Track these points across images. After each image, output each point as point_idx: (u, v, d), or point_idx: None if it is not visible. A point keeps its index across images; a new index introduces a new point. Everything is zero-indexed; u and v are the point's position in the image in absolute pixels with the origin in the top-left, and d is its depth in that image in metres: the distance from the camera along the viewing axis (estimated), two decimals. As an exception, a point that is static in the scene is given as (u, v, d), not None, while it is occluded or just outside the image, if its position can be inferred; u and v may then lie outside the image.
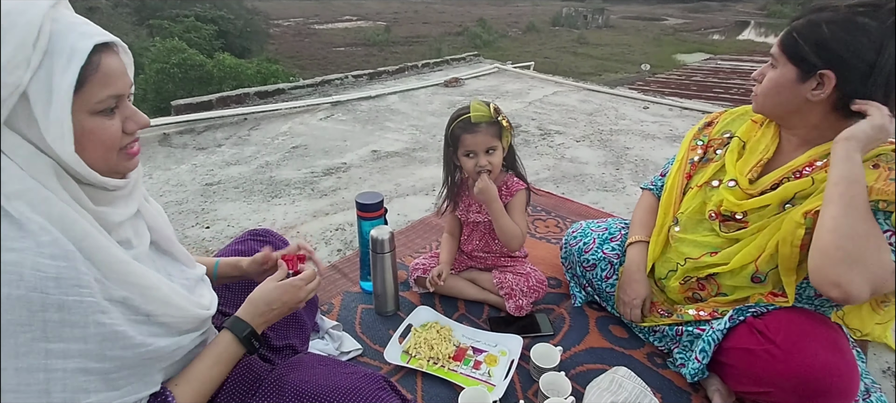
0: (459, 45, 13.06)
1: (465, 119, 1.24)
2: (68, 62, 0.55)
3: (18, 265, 0.51)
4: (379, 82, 4.89)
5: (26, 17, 0.53)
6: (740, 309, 1.05)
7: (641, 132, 3.41)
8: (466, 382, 1.15)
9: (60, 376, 0.53)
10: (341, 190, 2.44)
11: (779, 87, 0.99)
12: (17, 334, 0.51)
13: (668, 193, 1.25)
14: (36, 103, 0.54)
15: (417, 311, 1.38)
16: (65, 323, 0.53)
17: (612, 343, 1.32)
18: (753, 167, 1.07)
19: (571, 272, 1.46)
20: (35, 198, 0.54)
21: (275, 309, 0.84)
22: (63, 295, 0.53)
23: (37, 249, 0.52)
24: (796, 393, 0.92)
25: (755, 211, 1.03)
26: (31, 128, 0.55)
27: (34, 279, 0.51)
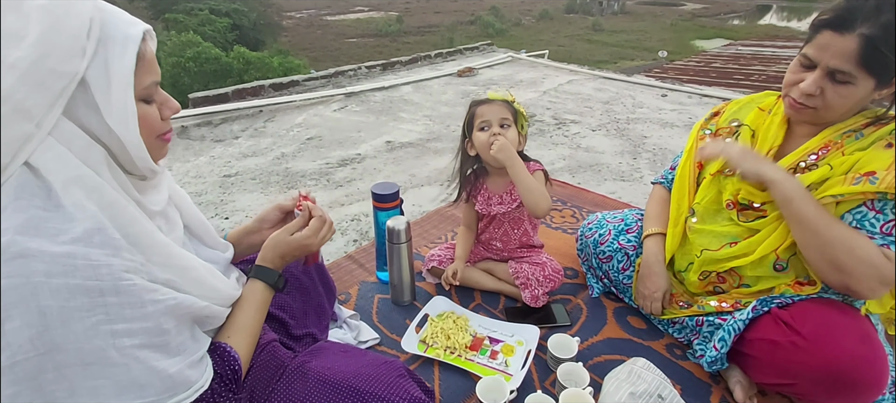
0: (472, 34, 12.94)
1: (481, 98, 1.29)
2: (124, 48, 0.57)
3: (71, 256, 0.53)
4: (392, 73, 4.88)
5: (76, 8, 0.55)
6: (765, 299, 1.02)
7: (659, 120, 3.34)
8: (483, 371, 1.16)
9: (132, 351, 0.57)
10: (356, 180, 2.45)
11: (852, 101, 0.93)
12: (83, 318, 0.53)
13: (680, 183, 1.23)
14: (96, 89, 0.56)
15: (434, 301, 1.38)
16: (124, 305, 0.56)
17: (631, 335, 1.31)
18: (766, 154, 1.05)
19: (588, 264, 1.45)
20: (89, 185, 0.56)
21: (286, 248, 0.85)
22: (115, 280, 0.55)
23: (88, 240, 0.54)
24: (823, 386, 0.90)
25: (773, 201, 1.01)
26: (91, 114, 0.57)
27: (88, 268, 0.53)
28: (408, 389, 0.83)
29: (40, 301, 0.51)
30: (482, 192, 1.39)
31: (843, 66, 0.89)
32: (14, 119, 0.51)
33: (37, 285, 0.51)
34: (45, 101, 0.53)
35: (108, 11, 0.59)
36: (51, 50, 0.52)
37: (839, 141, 0.97)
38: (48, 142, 0.54)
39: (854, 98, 0.93)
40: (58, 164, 0.54)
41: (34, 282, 0.51)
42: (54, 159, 0.54)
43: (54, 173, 0.54)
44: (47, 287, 0.51)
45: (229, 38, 10.15)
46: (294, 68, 6.77)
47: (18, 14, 0.51)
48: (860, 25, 0.87)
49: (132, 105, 0.58)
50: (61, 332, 0.52)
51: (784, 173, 0.98)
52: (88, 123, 0.57)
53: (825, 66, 0.92)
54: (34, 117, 0.52)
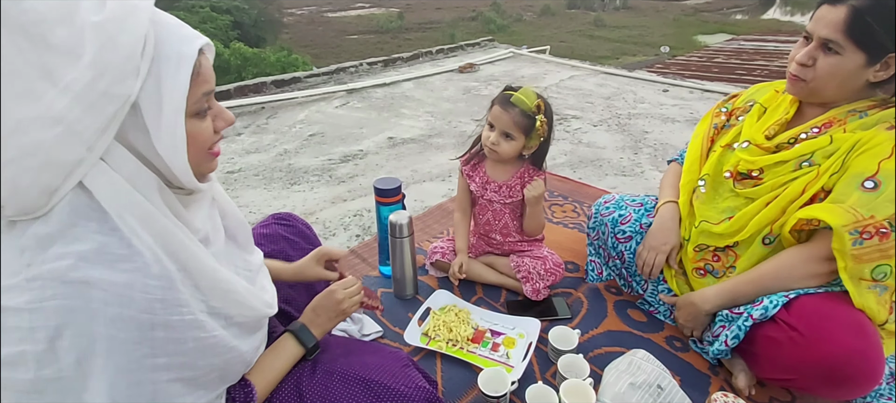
0: (473, 30, 12.90)
1: (508, 93, 1.27)
2: (177, 68, 0.54)
3: (130, 287, 0.53)
4: (393, 69, 4.88)
5: (131, 25, 0.52)
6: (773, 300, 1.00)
7: (661, 115, 3.34)
8: (485, 363, 1.17)
9: (164, 386, 0.57)
10: (358, 176, 2.47)
11: (843, 74, 0.94)
12: (129, 351, 0.54)
13: (692, 154, 1.25)
14: (147, 112, 0.54)
15: (436, 295, 1.40)
16: (169, 340, 0.56)
17: (631, 327, 1.32)
18: (771, 126, 1.07)
19: (599, 242, 1.40)
20: (142, 213, 0.55)
21: (320, 315, 0.88)
22: (168, 315, 0.55)
23: (146, 270, 0.54)
24: (820, 379, 0.92)
25: (771, 167, 1.03)
26: (140, 137, 0.55)
27: (144, 301, 0.53)
28: (414, 379, 0.85)
29: (93, 327, 0.52)
30: (480, 174, 1.40)
31: (832, 35, 0.92)
32: (66, 142, 0.49)
33: (94, 311, 0.51)
34: (98, 125, 0.51)
35: (164, 26, 0.55)
36: (105, 71, 0.50)
37: (843, 118, 0.98)
38: (100, 167, 0.53)
39: (843, 70, 0.94)
40: (110, 190, 0.53)
41: (92, 309, 0.51)
42: (107, 185, 0.53)
43: (108, 199, 0.53)
44: (103, 315, 0.52)
45: (230, 35, 10.15)
46: (293, 64, 6.77)
47: (72, 29, 0.49)
48: None
49: (182, 131, 0.56)
50: (105, 361, 0.53)
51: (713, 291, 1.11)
52: (137, 144, 0.55)
53: (818, 36, 0.94)
54: (86, 141, 0.51)
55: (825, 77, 0.96)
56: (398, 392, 0.81)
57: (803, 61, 0.97)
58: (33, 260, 0.51)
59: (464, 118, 3.38)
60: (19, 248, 0.52)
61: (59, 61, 0.48)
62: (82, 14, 0.49)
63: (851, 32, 0.90)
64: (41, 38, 0.47)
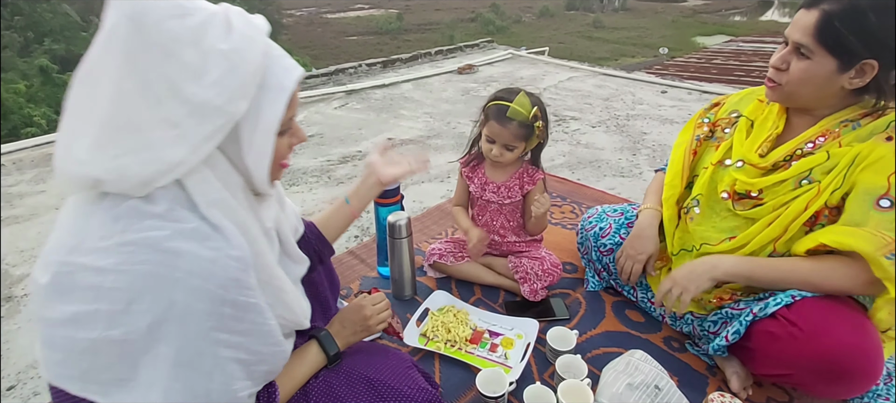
0: (472, 31, 12.92)
1: (502, 107, 1.24)
2: (277, 96, 0.62)
3: (213, 262, 0.57)
4: (392, 70, 4.89)
5: (251, 55, 0.59)
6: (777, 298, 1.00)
7: (659, 117, 3.35)
8: (483, 364, 1.17)
9: (222, 363, 0.61)
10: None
11: (815, 80, 0.93)
12: (200, 321, 0.58)
13: (674, 166, 1.24)
14: (244, 129, 0.62)
15: (434, 295, 1.40)
16: (234, 318, 0.60)
17: (629, 328, 1.32)
18: (763, 143, 1.05)
19: (587, 257, 1.46)
20: (227, 208, 0.62)
21: (346, 328, 0.91)
22: (237, 294, 0.60)
23: (228, 251, 0.59)
24: (818, 375, 0.92)
25: (770, 187, 1.02)
26: (232, 146, 0.62)
27: (222, 277, 0.58)
28: (417, 380, 0.87)
29: (173, 294, 0.56)
30: (479, 175, 1.40)
31: (802, 38, 0.92)
32: (176, 143, 0.56)
33: (177, 279, 0.56)
34: (205, 134, 0.58)
35: (273, 58, 0.63)
36: (223, 91, 0.57)
37: (836, 130, 0.97)
38: (198, 166, 0.60)
39: (815, 75, 0.93)
40: (204, 186, 0.60)
41: (176, 276, 0.55)
42: (201, 181, 0.60)
43: (200, 194, 0.60)
44: (185, 284, 0.56)
45: (230, 36, 10.13)
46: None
47: (200, 51, 0.56)
48: (825, 1, 0.89)
49: (270, 148, 0.64)
50: (176, 327, 0.56)
51: (731, 259, 1.03)
52: (227, 151, 0.62)
53: (791, 40, 0.94)
54: (193, 146, 0.57)
55: (797, 81, 0.95)
56: (402, 392, 0.82)
57: (777, 65, 0.97)
58: (129, 228, 0.56)
59: (463, 119, 3.38)
60: (113, 216, 0.57)
61: (185, 77, 0.55)
62: (210, 39, 0.57)
63: (821, 37, 0.89)
64: (174, 55, 0.55)
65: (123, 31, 0.53)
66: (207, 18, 0.57)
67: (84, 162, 0.55)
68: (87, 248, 0.56)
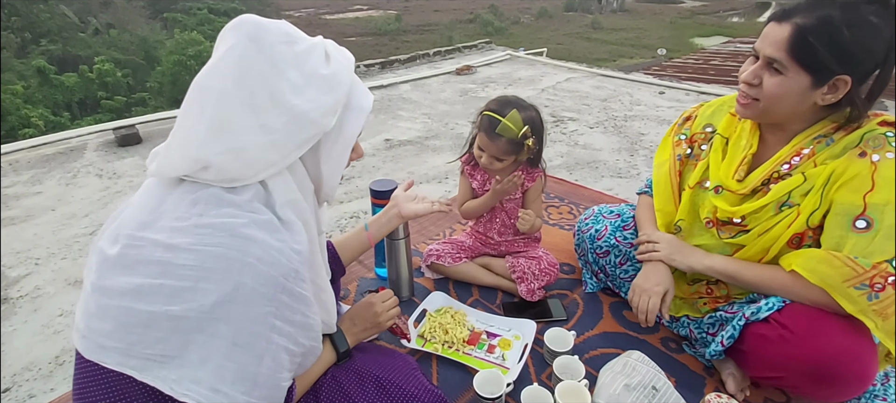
0: (471, 32, 12.93)
1: (493, 121, 1.23)
2: (357, 116, 0.72)
3: (280, 252, 0.62)
4: (390, 71, 4.89)
5: (343, 80, 0.69)
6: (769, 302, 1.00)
7: (657, 117, 3.36)
8: (481, 365, 1.17)
9: (273, 349, 0.64)
10: (355, 178, 2.46)
11: (789, 96, 0.91)
12: (261, 305, 0.61)
13: (662, 190, 1.20)
14: (325, 141, 0.70)
15: (432, 297, 1.40)
16: (289, 308, 0.64)
17: (626, 328, 1.32)
18: (739, 167, 1.03)
19: (584, 259, 1.45)
20: (298, 208, 0.69)
21: (357, 324, 0.95)
22: (294, 285, 0.64)
23: (293, 244, 0.64)
24: (810, 378, 0.92)
25: (752, 214, 1.00)
26: (312, 157, 0.71)
27: (286, 267, 0.62)
28: (423, 383, 0.90)
29: (241, 276, 0.59)
30: (481, 172, 1.40)
31: (775, 53, 0.89)
32: (270, 149, 0.63)
33: (246, 263, 0.60)
34: (295, 143, 0.65)
35: (356, 84, 0.72)
36: (319, 107, 0.65)
37: (810, 148, 0.95)
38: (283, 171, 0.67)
39: (789, 92, 0.90)
40: (283, 187, 0.67)
41: (246, 261, 0.60)
42: (282, 182, 0.67)
43: (279, 193, 0.66)
44: (254, 269, 0.60)
45: (228, 37, 10.14)
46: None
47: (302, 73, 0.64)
48: (797, 16, 0.87)
49: (345, 160, 0.73)
50: (239, 308, 0.60)
51: (712, 258, 1.05)
52: (307, 161, 0.71)
53: (763, 54, 0.91)
54: (284, 152, 0.65)
55: (771, 97, 0.92)
56: (410, 393, 0.85)
57: (749, 80, 0.94)
58: (207, 212, 0.61)
59: (461, 120, 3.38)
60: (192, 200, 0.62)
61: (287, 93, 0.63)
62: (312, 64, 0.66)
63: (794, 52, 0.87)
64: (280, 72, 0.63)
65: (241, 49, 0.61)
66: (310, 47, 0.66)
67: (197, 147, 0.61)
68: (162, 226, 0.61)
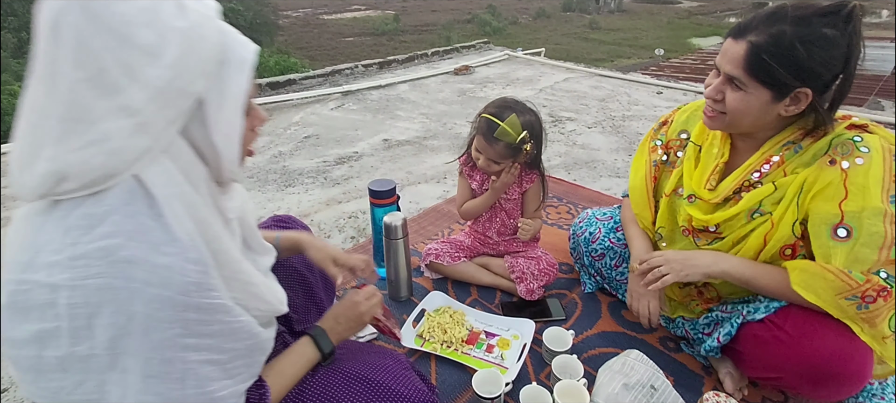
0: (469, 32, 12.94)
1: (491, 124, 1.23)
2: (240, 69, 0.61)
3: (169, 269, 0.55)
4: (389, 71, 4.89)
5: (208, 32, 0.58)
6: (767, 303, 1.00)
7: (654, 117, 3.36)
8: (479, 365, 1.17)
9: (193, 367, 0.60)
10: (353, 178, 2.46)
11: (752, 110, 0.92)
12: (163, 329, 0.56)
13: (638, 196, 1.21)
14: (210, 107, 0.59)
15: (431, 296, 1.40)
16: (199, 322, 0.59)
17: (625, 328, 1.32)
18: (711, 175, 1.05)
19: (580, 262, 1.46)
20: (188, 202, 0.59)
21: (341, 324, 0.90)
22: (200, 298, 0.58)
23: (184, 255, 0.57)
24: (806, 378, 0.92)
25: (726, 222, 1.01)
26: (199, 129, 0.60)
27: (181, 283, 0.56)
28: (413, 381, 0.87)
29: (132, 306, 0.54)
30: (480, 173, 1.41)
31: (733, 71, 0.90)
32: (137, 134, 0.54)
33: (134, 290, 0.54)
34: (165, 119, 0.56)
35: (228, 34, 0.62)
36: (184, 71, 0.55)
37: (779, 156, 0.96)
38: (158, 157, 0.57)
39: (751, 106, 0.91)
40: (163, 179, 0.57)
41: (132, 288, 0.54)
42: (161, 174, 0.57)
43: (159, 187, 0.57)
44: (144, 294, 0.54)
45: (226, 37, 10.11)
46: (292, 68, 6.77)
47: (156, 31, 0.53)
48: (751, 33, 0.88)
49: (239, 124, 0.62)
50: (140, 339, 0.55)
51: (728, 260, 1.00)
52: (195, 136, 0.60)
53: (723, 71, 0.93)
54: (154, 134, 0.55)
55: (736, 112, 0.94)
56: (399, 393, 0.82)
57: (712, 96, 0.96)
58: (79, 239, 0.54)
59: (459, 120, 3.38)
60: (64, 228, 0.55)
61: (142, 60, 0.53)
62: (165, 18, 0.54)
63: (751, 70, 0.88)
64: (128, 38, 0.52)
65: (72, 19, 0.50)
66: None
67: (49, 158, 0.53)
68: (41, 264, 0.54)
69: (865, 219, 0.86)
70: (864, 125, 0.93)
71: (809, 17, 0.85)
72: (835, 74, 0.87)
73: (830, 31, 0.84)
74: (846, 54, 0.85)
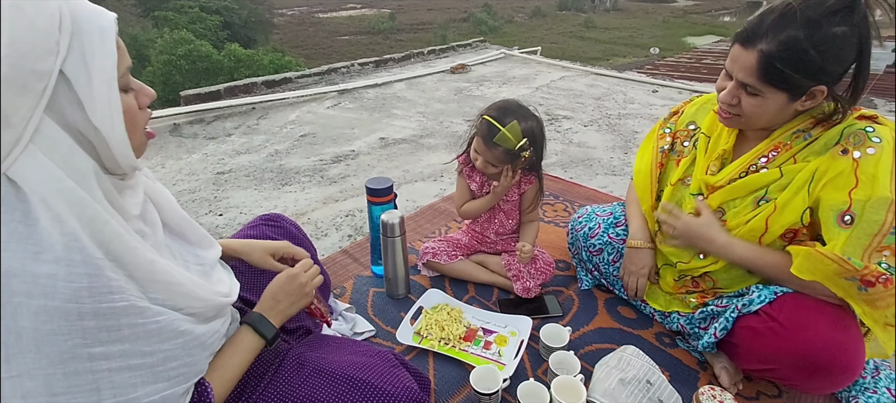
0: (465, 31, 12.94)
1: (492, 128, 1.22)
2: (101, 39, 0.55)
3: (53, 277, 0.51)
4: (385, 70, 4.88)
5: (40, 5, 0.51)
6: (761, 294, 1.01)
7: (650, 116, 3.38)
8: (477, 361, 1.18)
9: (106, 375, 0.55)
10: (350, 177, 2.46)
11: (768, 112, 0.94)
12: (59, 342, 0.52)
13: (642, 179, 1.24)
14: (78, 84, 0.54)
15: (428, 294, 1.40)
16: (101, 329, 0.54)
17: (621, 324, 1.33)
18: (713, 162, 1.07)
19: (578, 257, 1.46)
20: (70, 199, 0.54)
21: (281, 301, 0.85)
22: (96, 303, 0.54)
23: (68, 259, 0.52)
24: (800, 370, 0.93)
25: (729, 202, 1.03)
26: (76, 112, 0.54)
27: (68, 290, 0.52)
28: (401, 379, 0.85)
29: (17, 322, 0.50)
30: (479, 174, 1.40)
31: (747, 79, 0.91)
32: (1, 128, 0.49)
33: (17, 306, 0.50)
34: (28, 105, 0.50)
35: (74, 2, 0.55)
36: (27, 50, 0.49)
37: (788, 142, 0.97)
38: (29, 151, 0.51)
39: (769, 108, 0.93)
40: (38, 176, 0.52)
41: (14, 303, 0.50)
42: (35, 170, 0.52)
43: (33, 185, 0.51)
44: (27, 308, 0.50)
45: (220, 35, 10.07)
46: (287, 66, 6.74)
47: None
48: (761, 41, 0.88)
49: (116, 100, 0.56)
50: (34, 357, 0.51)
51: (732, 243, 1.02)
52: (73, 121, 0.54)
53: (736, 78, 0.94)
54: (14, 124, 0.50)
55: (752, 114, 0.95)
56: (384, 391, 0.80)
57: (728, 100, 0.96)
58: None
59: (455, 118, 3.38)
60: None
61: None
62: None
63: (765, 77, 0.89)
64: None
65: None
66: None
67: None
68: None
69: (869, 207, 0.87)
70: (874, 116, 0.94)
71: (819, 19, 0.84)
72: (847, 65, 0.89)
73: (840, 29, 0.84)
74: (859, 46, 0.86)
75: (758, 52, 0.88)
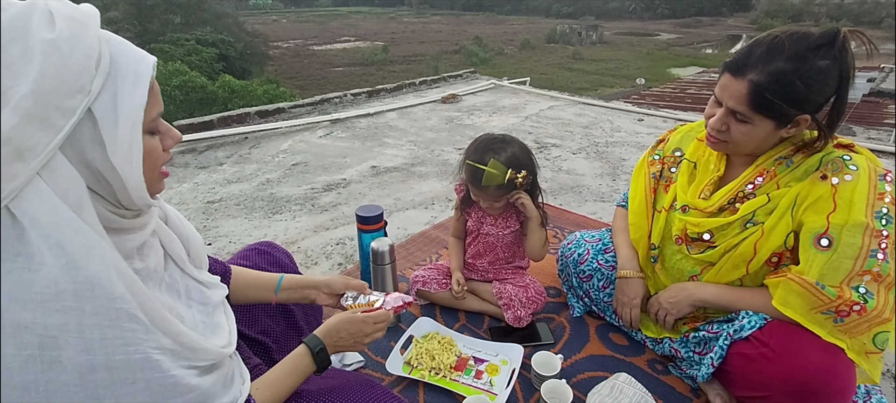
0: (456, 62, 13.25)
1: (476, 172, 1.23)
2: (134, 84, 0.55)
3: (64, 329, 0.50)
4: (377, 100, 4.95)
5: (83, 42, 0.52)
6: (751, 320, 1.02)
7: (637, 143, 3.45)
8: (468, 391, 1.16)
9: None
10: (341, 205, 2.46)
11: (755, 139, 0.98)
12: (70, 395, 0.50)
13: (638, 206, 1.26)
14: (104, 125, 0.53)
15: (418, 322, 1.38)
16: (115, 382, 0.53)
17: (613, 351, 1.32)
18: (706, 186, 1.11)
19: (568, 284, 1.47)
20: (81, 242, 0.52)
21: (343, 339, 0.86)
22: (109, 355, 0.52)
23: (79, 310, 0.51)
24: (793, 395, 0.93)
25: (720, 229, 1.06)
26: (96, 149, 0.54)
27: (79, 342, 0.50)
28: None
29: (27, 375, 0.48)
30: (476, 211, 1.41)
31: (738, 107, 0.95)
32: (13, 160, 0.47)
33: (28, 357, 0.48)
34: (47, 139, 0.49)
35: (116, 44, 0.56)
36: (55, 85, 0.49)
37: (772, 169, 1.02)
38: (35, 183, 0.50)
39: (757, 134, 0.98)
40: (42, 207, 0.50)
41: (25, 355, 0.48)
42: (39, 205, 0.50)
43: (37, 221, 0.49)
44: (39, 360, 0.48)
45: (216, 67, 10.20)
46: (281, 97, 6.83)
47: (20, 45, 0.48)
48: (750, 71, 0.92)
49: (138, 143, 0.55)
50: None
51: (705, 290, 1.10)
52: (92, 159, 0.54)
53: (726, 105, 0.98)
54: (29, 161, 0.49)
55: (741, 140, 0.99)
56: None
57: (717, 127, 1.00)
58: None
59: (447, 147, 3.42)
60: None
61: (10, 79, 0.47)
62: (34, 30, 0.49)
63: (755, 106, 0.93)
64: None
65: None
66: (26, 10, 0.49)
67: None
68: None
69: (846, 231, 0.91)
70: (850, 145, 0.99)
71: (804, 53, 0.89)
72: (830, 96, 0.93)
73: (824, 63, 0.89)
74: (839, 78, 0.91)
75: (748, 81, 0.93)
